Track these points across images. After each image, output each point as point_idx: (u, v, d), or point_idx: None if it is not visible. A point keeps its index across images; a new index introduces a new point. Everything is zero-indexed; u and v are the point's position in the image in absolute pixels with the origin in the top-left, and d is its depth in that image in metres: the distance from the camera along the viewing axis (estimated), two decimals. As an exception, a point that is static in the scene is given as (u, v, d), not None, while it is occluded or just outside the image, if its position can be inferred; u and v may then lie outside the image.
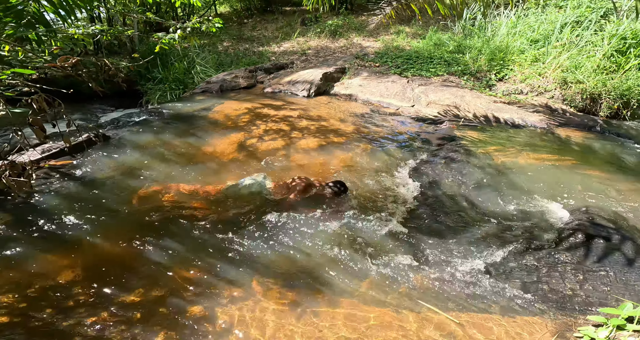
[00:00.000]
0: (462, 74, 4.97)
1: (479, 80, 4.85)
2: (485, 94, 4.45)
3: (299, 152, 3.00)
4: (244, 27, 8.08)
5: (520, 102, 4.23)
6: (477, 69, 5.01)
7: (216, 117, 3.62)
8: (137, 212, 2.16)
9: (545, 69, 4.56)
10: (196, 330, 1.48)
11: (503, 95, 4.43)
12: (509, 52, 5.08)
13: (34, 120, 1.22)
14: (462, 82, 4.76)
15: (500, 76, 4.82)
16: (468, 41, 5.75)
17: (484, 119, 3.87)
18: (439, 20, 6.82)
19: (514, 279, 1.71)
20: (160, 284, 1.69)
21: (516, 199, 2.39)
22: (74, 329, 1.46)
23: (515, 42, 5.20)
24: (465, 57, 5.34)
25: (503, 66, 4.94)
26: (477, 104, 4.13)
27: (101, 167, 2.54)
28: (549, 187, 2.51)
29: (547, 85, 4.40)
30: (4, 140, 3.10)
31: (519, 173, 2.70)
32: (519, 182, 2.58)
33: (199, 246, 1.92)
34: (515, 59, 4.96)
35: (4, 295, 1.57)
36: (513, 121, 3.78)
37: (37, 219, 2.01)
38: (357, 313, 1.58)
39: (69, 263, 1.76)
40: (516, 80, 4.67)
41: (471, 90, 4.50)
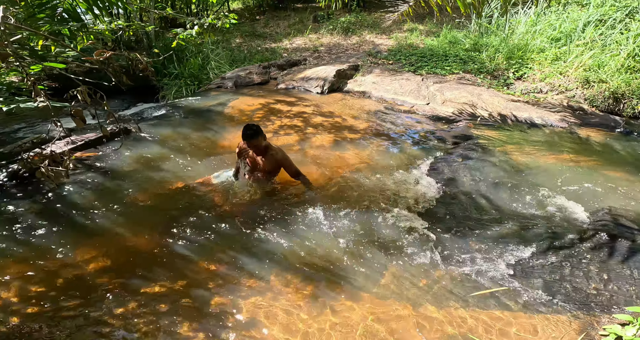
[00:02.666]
0: (479, 72, 4.94)
1: (496, 78, 4.82)
2: (503, 93, 4.42)
3: (314, 147, 3.04)
4: (256, 23, 8.18)
5: (539, 101, 4.19)
6: (495, 67, 4.98)
7: (231, 112, 3.70)
8: (160, 204, 2.24)
9: (566, 67, 4.50)
10: (219, 322, 1.53)
11: (521, 94, 4.40)
12: (528, 51, 5.03)
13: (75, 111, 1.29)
14: (479, 80, 4.74)
15: (518, 75, 4.78)
16: (485, 39, 5.71)
17: (501, 117, 3.85)
18: (453, 18, 6.78)
19: (536, 277, 1.72)
20: (183, 276, 1.75)
21: (536, 199, 2.39)
22: (104, 319, 1.52)
23: (535, 40, 5.15)
24: (482, 55, 5.30)
25: (522, 64, 4.89)
26: (494, 102, 4.10)
27: (124, 160, 2.64)
28: (570, 187, 2.50)
29: (568, 85, 4.34)
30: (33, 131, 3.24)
31: (538, 172, 2.69)
32: (538, 182, 2.57)
33: (219, 239, 1.98)
34: (535, 58, 4.91)
35: (36, 285, 1.65)
36: (532, 120, 3.75)
37: (65, 209, 2.11)
38: (376, 307, 1.62)
39: (97, 253, 1.84)
40: (535, 79, 4.62)
41: (488, 89, 4.48)
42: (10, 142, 2.88)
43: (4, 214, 2.02)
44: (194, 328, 1.50)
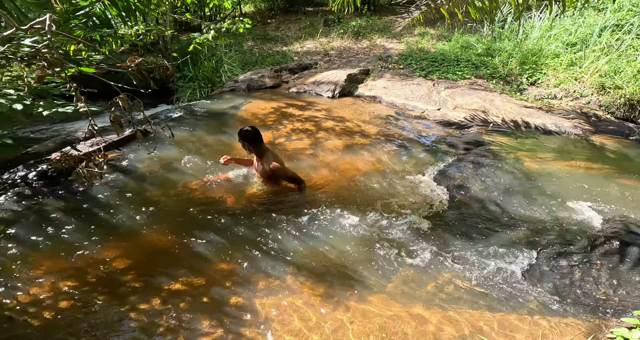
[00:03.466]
0: (491, 77, 5.01)
1: (509, 84, 4.88)
2: (516, 98, 4.48)
3: (326, 151, 3.17)
4: (267, 26, 8.41)
5: (553, 107, 4.24)
6: (508, 72, 5.04)
7: (244, 115, 3.87)
8: (179, 204, 2.39)
9: (582, 73, 4.54)
10: (237, 320, 1.63)
11: (535, 99, 4.45)
12: (542, 56, 5.08)
13: (115, 118, 1.44)
14: (491, 85, 4.81)
15: (532, 80, 4.83)
16: (498, 44, 5.78)
17: (513, 124, 3.91)
18: (465, 22, 6.87)
19: (547, 281, 1.79)
20: (202, 274, 1.86)
21: (548, 205, 2.45)
22: (130, 315, 1.62)
23: (549, 45, 5.20)
24: (495, 60, 5.37)
25: (535, 70, 4.94)
26: (506, 108, 4.17)
27: (144, 161, 2.81)
28: (583, 194, 2.56)
29: (583, 91, 4.38)
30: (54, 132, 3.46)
31: (551, 179, 2.75)
32: (550, 189, 2.63)
33: (236, 238, 2.11)
34: (549, 63, 4.95)
35: (67, 281, 1.78)
36: (545, 127, 3.81)
37: (91, 207, 2.27)
38: (387, 308, 1.70)
39: (122, 251, 1.98)
40: (550, 84, 4.67)
41: (501, 94, 4.54)
42: (36, 142, 3.09)
43: (35, 212, 2.19)
44: (213, 325, 1.60)
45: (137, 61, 1.63)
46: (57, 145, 2.67)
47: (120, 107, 1.41)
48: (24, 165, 2.47)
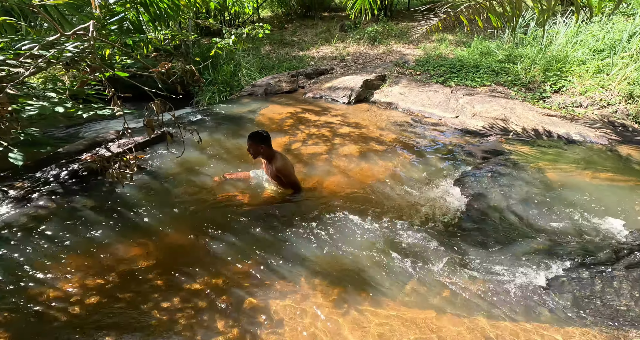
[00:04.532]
0: (512, 84, 5.01)
1: (531, 91, 4.87)
2: (538, 107, 4.47)
3: (341, 158, 3.27)
4: (284, 31, 8.70)
5: (578, 116, 4.20)
6: (530, 79, 5.03)
7: (262, 120, 4.05)
8: (200, 206, 2.54)
9: (609, 81, 4.49)
10: (252, 320, 1.72)
11: (559, 108, 4.42)
12: (567, 63, 5.06)
13: (148, 122, 1.61)
14: (512, 93, 4.81)
15: (556, 88, 4.80)
16: (520, 50, 5.78)
17: (535, 133, 3.90)
18: (486, 28, 6.89)
19: (566, 292, 1.83)
20: (220, 275, 1.97)
21: (570, 216, 2.47)
22: (151, 312, 1.72)
23: (575, 51, 5.16)
24: (516, 67, 5.37)
25: (560, 77, 4.92)
26: (528, 116, 4.16)
27: (167, 163, 3.00)
28: (607, 206, 2.55)
29: (610, 99, 4.33)
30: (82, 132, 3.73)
31: (574, 190, 2.75)
32: (573, 200, 2.64)
33: (253, 241, 2.22)
34: (575, 70, 4.92)
35: (95, 278, 1.91)
36: (569, 136, 3.78)
37: (117, 206, 2.45)
38: (400, 314, 1.77)
39: (146, 249, 2.12)
40: (575, 92, 4.63)
41: (522, 102, 4.54)
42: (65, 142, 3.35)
43: (66, 209, 2.38)
44: (229, 325, 1.69)
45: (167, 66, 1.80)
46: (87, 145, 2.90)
47: (154, 111, 1.57)
48: (56, 165, 2.70)
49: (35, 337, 1.60)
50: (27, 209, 2.32)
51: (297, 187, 2.60)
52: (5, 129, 1.56)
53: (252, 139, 2.41)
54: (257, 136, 2.41)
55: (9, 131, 1.57)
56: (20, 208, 2.32)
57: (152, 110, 1.56)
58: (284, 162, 2.49)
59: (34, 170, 2.67)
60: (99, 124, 4.39)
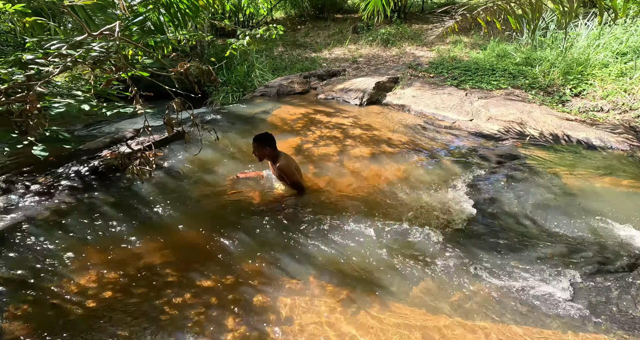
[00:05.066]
0: (530, 87, 4.95)
1: (550, 95, 4.80)
2: (557, 110, 4.40)
3: (352, 159, 3.31)
4: (297, 33, 8.83)
5: (598, 121, 4.12)
6: (549, 82, 4.96)
7: (274, 120, 4.14)
8: (213, 204, 2.63)
9: (632, 84, 4.39)
10: (260, 317, 1.77)
11: (579, 112, 4.34)
12: (589, 66, 4.96)
13: (167, 120, 1.69)
14: (530, 96, 4.75)
15: (576, 91, 4.72)
16: (538, 53, 5.70)
17: (553, 137, 3.84)
18: (503, 30, 6.81)
19: (580, 298, 1.82)
20: (231, 272, 2.04)
21: (587, 223, 2.43)
22: (164, 308, 1.78)
23: (597, 54, 5.06)
24: (535, 70, 5.30)
25: (581, 80, 4.83)
26: (546, 120, 4.10)
27: (182, 161, 3.11)
28: (626, 213, 2.50)
29: (633, 103, 4.22)
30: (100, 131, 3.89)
31: (592, 197, 2.70)
32: (591, 206, 2.60)
33: (264, 239, 2.29)
34: (597, 73, 4.82)
35: (112, 272, 2.00)
36: (589, 141, 3.71)
37: (135, 202, 2.56)
38: (408, 315, 1.79)
39: (160, 246, 2.21)
40: (596, 96, 4.54)
41: (540, 106, 4.48)
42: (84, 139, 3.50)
43: (86, 204, 2.51)
44: (238, 321, 1.75)
45: (186, 66, 1.89)
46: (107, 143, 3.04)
47: (174, 109, 1.65)
48: (77, 161, 2.84)
49: (53, 330, 1.67)
50: (49, 203, 2.46)
51: (299, 188, 2.64)
52: (34, 125, 1.67)
53: (257, 141, 2.48)
54: (262, 138, 2.48)
55: (37, 127, 1.68)
56: (43, 202, 2.46)
57: (173, 109, 1.64)
58: (286, 162, 2.54)
59: (56, 166, 2.81)
60: (117, 123, 4.59)
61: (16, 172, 2.64)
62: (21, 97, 1.59)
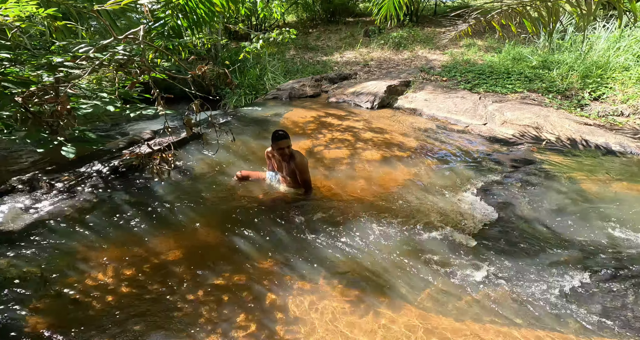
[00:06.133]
0: (547, 91, 4.95)
1: (567, 98, 4.78)
2: (575, 115, 4.38)
3: (363, 162, 3.39)
4: (309, 36, 9.03)
5: (618, 125, 4.09)
6: (567, 86, 4.95)
7: (286, 123, 4.27)
8: (226, 204, 2.74)
9: (654, 89, 4.33)
10: (271, 316, 1.83)
11: (598, 116, 4.32)
12: (608, 69, 4.94)
13: (187, 121, 1.82)
14: (547, 100, 4.75)
15: (595, 95, 4.69)
16: (556, 56, 5.70)
17: (570, 142, 3.84)
18: (519, 33, 6.82)
19: (595, 303, 1.83)
20: (243, 271, 2.12)
21: (604, 229, 2.44)
22: (177, 304, 1.86)
23: (618, 57, 5.03)
24: (552, 73, 5.30)
25: (600, 84, 4.80)
26: (563, 125, 4.10)
27: (196, 162, 3.26)
28: (647, 220, 2.48)
29: (656, 108, 4.17)
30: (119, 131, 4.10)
31: (610, 203, 2.70)
32: (609, 212, 2.60)
33: (275, 240, 2.38)
34: (617, 77, 4.79)
35: (128, 268, 2.10)
36: (608, 146, 3.69)
37: (152, 201, 2.70)
38: (417, 317, 1.83)
39: (175, 244, 2.32)
40: (616, 100, 4.50)
41: (557, 110, 4.47)
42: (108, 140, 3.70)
43: (106, 202, 2.66)
44: (249, 319, 1.82)
45: (204, 69, 2.02)
46: (127, 143, 3.22)
47: (194, 111, 1.78)
48: (98, 160, 3.03)
49: (72, 324, 1.75)
50: (72, 201, 2.62)
51: (309, 186, 2.74)
52: (64, 125, 1.81)
53: (287, 137, 2.56)
54: (287, 135, 2.58)
55: (67, 127, 1.82)
56: (66, 200, 2.63)
57: (192, 110, 1.77)
58: (303, 159, 2.63)
59: (78, 165, 3.00)
60: (135, 124, 4.81)
61: (41, 171, 2.83)
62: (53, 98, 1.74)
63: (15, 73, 1.94)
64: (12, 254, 2.13)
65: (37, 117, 1.79)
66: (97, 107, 2.08)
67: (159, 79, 2.13)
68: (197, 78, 2.02)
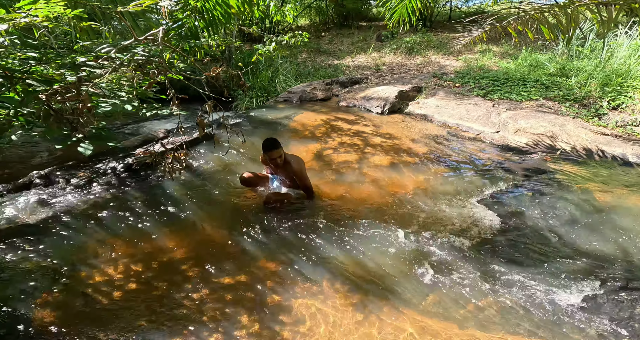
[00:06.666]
0: (564, 99, 4.90)
1: (585, 107, 4.73)
2: (593, 124, 4.32)
3: (371, 167, 3.43)
4: (321, 40, 9.17)
5: (636, 136, 4.01)
6: (585, 94, 4.88)
7: (296, 126, 4.36)
8: (234, 204, 2.83)
9: (677, 99, 4.24)
10: (273, 317, 1.88)
11: (616, 126, 4.25)
12: (629, 77, 4.86)
13: (200, 121, 1.91)
14: (563, 108, 4.70)
15: (615, 104, 4.62)
16: (575, 63, 5.63)
17: (586, 152, 3.79)
18: (536, 39, 6.77)
19: (603, 313, 1.84)
20: (248, 271, 2.18)
21: (617, 240, 2.43)
22: (182, 302, 1.92)
23: (639, 65, 4.93)
24: (570, 81, 5.24)
25: (620, 93, 4.73)
26: (580, 134, 4.05)
27: (208, 162, 3.37)
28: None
29: (678, 119, 4.08)
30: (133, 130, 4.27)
31: (625, 215, 2.67)
32: (623, 224, 2.58)
33: (281, 241, 2.44)
34: (638, 85, 4.71)
35: (137, 264, 2.17)
36: (625, 157, 3.63)
37: (162, 200, 2.81)
38: (420, 322, 1.86)
39: (183, 242, 2.40)
40: (635, 109, 4.43)
41: (574, 119, 4.42)
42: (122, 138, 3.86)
43: (119, 200, 2.77)
44: (252, 319, 1.87)
45: (218, 71, 2.11)
46: (141, 142, 3.35)
47: (207, 111, 1.86)
48: (113, 158, 3.17)
49: (80, 318, 1.81)
50: (86, 197, 2.75)
51: (310, 191, 2.78)
52: (84, 122, 1.93)
53: (279, 146, 2.58)
54: (277, 144, 2.57)
55: (87, 125, 1.93)
56: (81, 196, 2.76)
57: (206, 111, 1.85)
58: (300, 166, 2.65)
59: (93, 162, 3.15)
60: (148, 123, 4.99)
61: (58, 167, 2.98)
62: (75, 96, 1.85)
63: (40, 71, 2.06)
64: (27, 247, 2.24)
65: (58, 114, 1.90)
66: (116, 105, 2.19)
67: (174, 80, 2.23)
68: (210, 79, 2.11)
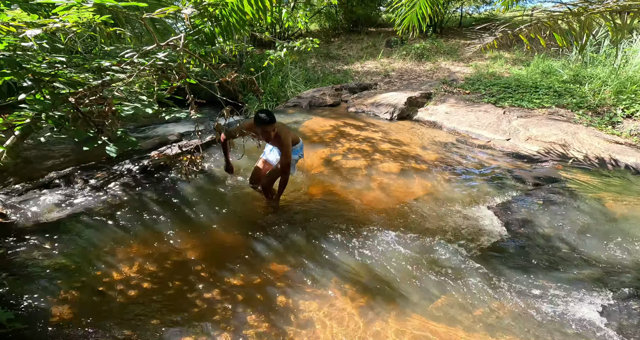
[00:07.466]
0: (577, 107, 4.94)
1: (599, 115, 4.76)
2: (606, 132, 4.36)
3: (380, 174, 3.53)
4: (330, 45, 9.38)
5: (652, 146, 4.02)
6: (599, 102, 4.92)
7: (305, 131, 4.49)
8: (247, 207, 2.95)
9: (694, 108, 4.26)
10: (282, 318, 1.97)
11: (630, 135, 4.28)
12: (644, 85, 4.87)
13: (217, 126, 2.05)
14: (576, 116, 4.74)
15: (629, 112, 4.65)
16: (589, 70, 5.67)
17: (599, 161, 3.83)
18: (549, 46, 6.83)
19: (611, 321, 1.89)
20: (258, 272, 2.28)
21: (627, 249, 2.48)
22: (194, 301, 2.01)
23: (655, 73, 4.97)
24: (584, 88, 5.28)
25: (634, 100, 4.76)
26: (593, 143, 4.09)
27: (220, 165, 3.51)
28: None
29: (695, 129, 4.09)
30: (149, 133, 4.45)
31: (637, 224, 2.70)
32: (634, 233, 2.63)
33: (290, 243, 2.55)
34: (653, 94, 4.73)
35: (152, 264, 2.28)
36: (638, 167, 3.65)
37: (176, 201, 2.95)
38: (426, 326, 1.93)
39: (195, 243, 2.52)
40: (651, 119, 4.44)
41: (587, 127, 4.46)
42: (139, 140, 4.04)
43: (135, 201, 2.93)
44: (260, 319, 1.96)
45: (233, 76, 2.25)
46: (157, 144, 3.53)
47: (224, 116, 2.00)
48: (129, 160, 3.34)
49: (96, 315, 1.91)
50: (104, 197, 2.91)
51: (287, 169, 2.67)
52: (109, 125, 2.08)
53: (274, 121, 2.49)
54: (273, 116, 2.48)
55: (111, 127, 2.09)
56: (98, 196, 2.92)
57: (223, 116, 1.99)
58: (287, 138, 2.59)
59: (110, 164, 3.33)
60: (162, 126, 5.21)
61: (77, 167, 3.16)
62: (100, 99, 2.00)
63: (65, 75, 2.23)
64: (46, 245, 2.38)
65: (86, 117, 2.06)
66: (137, 109, 2.35)
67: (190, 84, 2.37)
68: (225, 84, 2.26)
